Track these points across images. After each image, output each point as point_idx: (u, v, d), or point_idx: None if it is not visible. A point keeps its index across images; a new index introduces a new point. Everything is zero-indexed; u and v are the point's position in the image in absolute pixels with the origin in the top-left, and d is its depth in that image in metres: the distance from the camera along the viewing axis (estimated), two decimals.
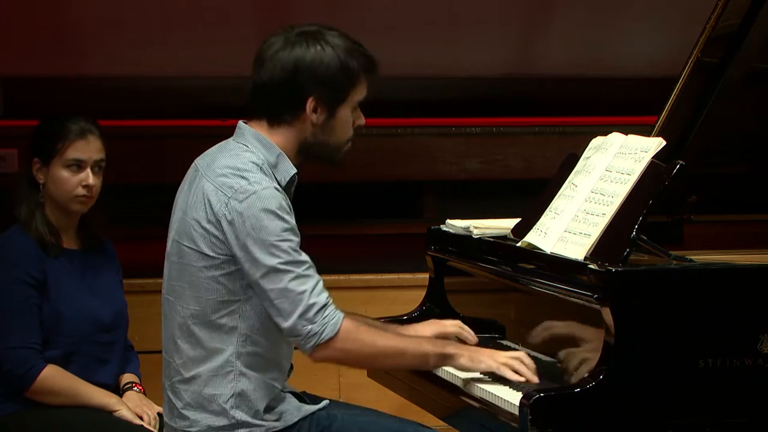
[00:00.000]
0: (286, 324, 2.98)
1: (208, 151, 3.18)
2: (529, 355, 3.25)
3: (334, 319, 2.99)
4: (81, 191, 3.64)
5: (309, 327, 2.97)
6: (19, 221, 3.63)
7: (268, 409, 3.10)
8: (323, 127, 3.12)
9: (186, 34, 6.75)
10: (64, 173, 3.64)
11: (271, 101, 3.10)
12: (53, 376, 3.55)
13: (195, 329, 3.07)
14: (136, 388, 3.71)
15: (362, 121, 3.18)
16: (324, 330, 2.98)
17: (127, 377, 3.75)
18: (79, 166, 3.64)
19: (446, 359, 3.13)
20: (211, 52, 6.60)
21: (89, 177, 3.64)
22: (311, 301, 2.98)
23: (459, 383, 3.19)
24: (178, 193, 3.19)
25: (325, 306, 2.99)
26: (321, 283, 3.02)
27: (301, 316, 2.97)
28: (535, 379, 3.04)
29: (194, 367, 3.08)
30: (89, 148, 3.66)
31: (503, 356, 3.10)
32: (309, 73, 3.07)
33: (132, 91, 6.77)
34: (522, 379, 3.04)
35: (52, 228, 3.64)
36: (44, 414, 3.55)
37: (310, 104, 3.09)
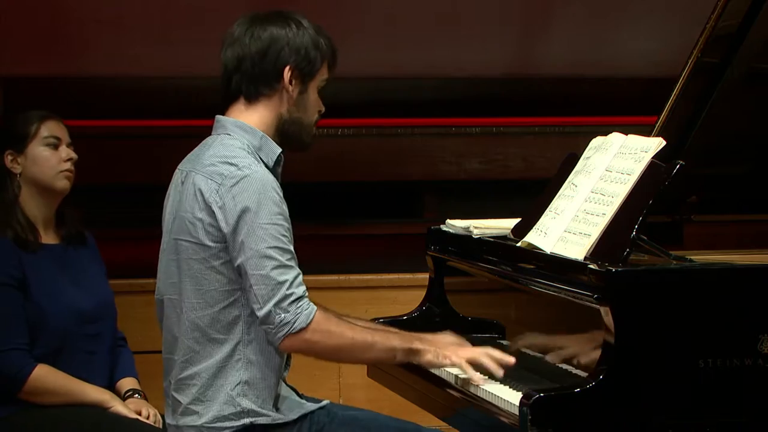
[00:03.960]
0: (260, 311, 3.01)
1: (190, 153, 3.20)
2: (528, 354, 3.26)
3: (307, 311, 3.02)
4: (65, 165, 3.69)
5: (282, 315, 3.00)
6: None
7: (274, 401, 3.10)
8: (297, 102, 3.17)
9: (186, 34, 6.75)
10: (45, 151, 3.68)
11: (248, 74, 3.14)
12: (45, 376, 3.55)
13: (199, 323, 3.08)
14: (137, 395, 3.70)
15: (323, 107, 3.24)
16: (296, 320, 3.00)
17: (128, 383, 3.73)
18: (56, 144, 3.67)
19: (413, 354, 3.16)
20: (211, 52, 6.59)
21: (70, 152, 3.71)
22: (289, 291, 3.01)
23: (459, 383, 3.19)
24: (165, 200, 3.21)
25: (300, 297, 3.02)
26: (301, 276, 3.05)
27: (277, 304, 3.00)
28: (499, 372, 3.07)
29: (201, 360, 3.08)
30: (61, 128, 3.73)
31: (469, 352, 3.13)
32: (284, 43, 3.14)
33: (132, 91, 6.77)
34: (483, 378, 3.07)
35: (29, 223, 3.64)
36: (40, 414, 3.55)
37: (287, 73, 3.13)
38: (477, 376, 3.09)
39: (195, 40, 6.73)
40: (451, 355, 3.14)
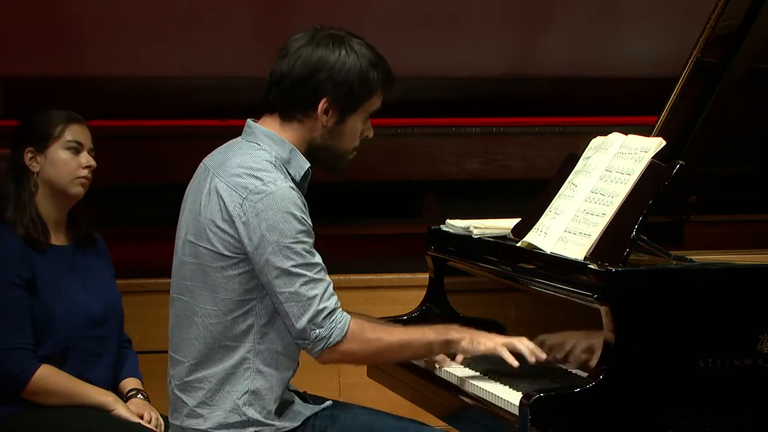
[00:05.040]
0: (295, 328, 3.01)
1: (217, 150, 3.17)
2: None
3: (341, 323, 3.01)
4: (83, 172, 3.66)
5: (317, 331, 2.99)
6: (6, 221, 3.62)
7: (279, 410, 3.10)
8: (331, 131, 3.13)
9: (186, 34, 6.75)
10: (65, 155, 3.65)
11: (286, 94, 3.10)
12: (48, 376, 3.54)
13: (212, 329, 3.07)
14: (141, 395, 3.69)
15: (371, 132, 3.20)
16: (332, 334, 3.00)
17: (131, 383, 3.73)
18: (77, 149, 3.66)
19: (449, 344, 3.16)
20: (211, 52, 6.60)
21: (90, 159, 3.67)
22: (321, 306, 2.99)
23: (459, 383, 3.19)
24: (186, 192, 3.19)
25: (333, 311, 3.01)
26: (331, 287, 3.03)
27: (310, 320, 2.99)
28: (531, 359, 3.07)
29: (211, 365, 3.08)
30: (85, 134, 3.70)
31: (503, 338, 3.14)
32: (328, 74, 3.07)
33: (132, 91, 6.77)
34: (516, 363, 3.06)
35: (41, 222, 3.63)
36: (42, 415, 3.54)
37: (322, 105, 3.09)
38: (514, 362, 3.08)
39: (195, 40, 6.74)
40: (487, 341, 3.13)
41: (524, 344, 3.11)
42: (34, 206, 3.63)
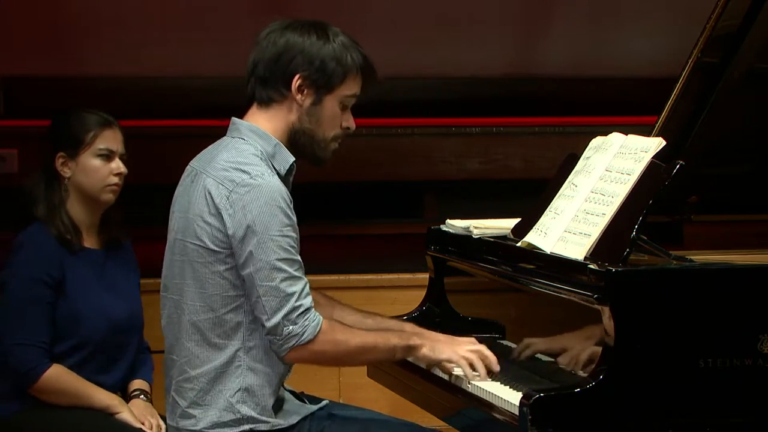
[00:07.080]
0: (268, 322, 3.01)
1: (203, 151, 3.19)
2: (528, 355, 3.26)
3: (314, 322, 3.02)
4: (113, 179, 3.66)
5: (290, 328, 3.00)
6: (39, 219, 3.61)
7: (274, 407, 3.10)
8: (309, 112, 3.13)
9: (186, 34, 6.75)
10: (96, 162, 3.64)
11: (261, 79, 3.12)
12: (58, 376, 3.54)
13: (201, 326, 3.07)
14: (143, 396, 3.69)
15: (351, 123, 3.20)
16: (305, 332, 3.00)
17: (137, 384, 3.72)
18: (108, 156, 3.65)
19: (411, 350, 3.18)
20: (211, 52, 6.60)
21: (120, 166, 3.66)
22: (297, 303, 3.00)
23: (459, 383, 3.19)
24: (175, 196, 3.20)
25: (308, 309, 3.02)
26: (308, 287, 3.04)
27: (285, 316, 2.99)
28: (485, 375, 3.11)
29: (201, 364, 3.08)
30: (117, 139, 3.69)
31: (464, 348, 3.16)
32: (298, 51, 3.09)
33: (132, 91, 6.77)
34: (476, 375, 3.11)
35: (73, 225, 3.63)
36: (47, 414, 3.54)
37: (296, 82, 3.10)
38: (471, 373, 3.11)
39: (195, 40, 6.75)
40: (447, 350, 3.16)
41: (485, 358, 3.14)
42: (65, 210, 3.63)
